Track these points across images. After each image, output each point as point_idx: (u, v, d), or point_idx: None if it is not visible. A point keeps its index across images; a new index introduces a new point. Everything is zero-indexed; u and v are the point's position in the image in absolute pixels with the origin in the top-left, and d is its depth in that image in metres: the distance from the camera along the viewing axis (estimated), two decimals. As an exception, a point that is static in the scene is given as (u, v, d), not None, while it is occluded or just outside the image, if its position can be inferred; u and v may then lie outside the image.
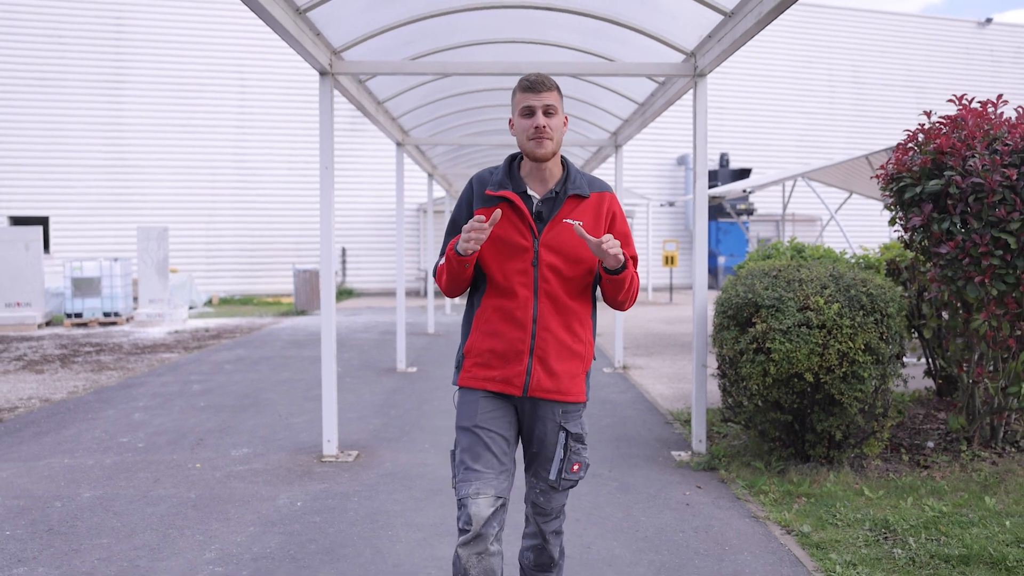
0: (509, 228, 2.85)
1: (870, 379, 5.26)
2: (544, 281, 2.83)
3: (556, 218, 2.86)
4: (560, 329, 2.87)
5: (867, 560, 4.03)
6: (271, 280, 24.48)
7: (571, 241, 2.84)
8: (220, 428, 7.00)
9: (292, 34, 5.04)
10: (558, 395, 2.88)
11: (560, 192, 2.89)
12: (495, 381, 2.87)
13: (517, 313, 2.84)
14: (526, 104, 2.82)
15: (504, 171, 2.94)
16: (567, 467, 2.90)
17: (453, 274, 2.83)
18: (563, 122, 2.89)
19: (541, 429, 2.91)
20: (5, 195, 22.84)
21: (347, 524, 4.58)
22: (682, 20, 5.63)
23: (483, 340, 2.89)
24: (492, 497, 2.75)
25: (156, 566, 3.99)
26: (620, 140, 10.06)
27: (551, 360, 2.86)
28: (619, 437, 6.69)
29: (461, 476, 2.83)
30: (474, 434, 2.85)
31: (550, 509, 2.98)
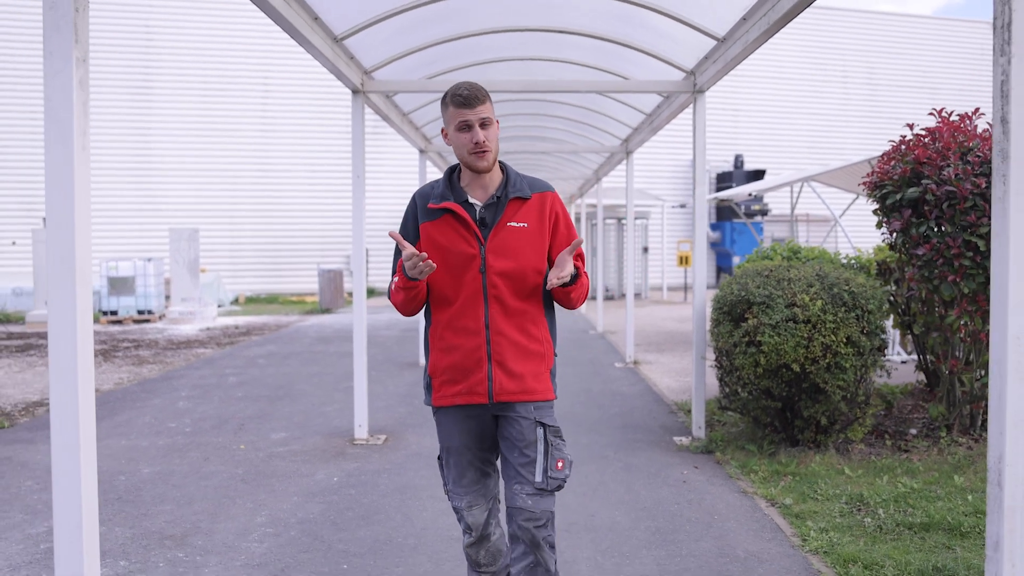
0: (455, 238, 2.89)
1: (852, 369, 5.78)
2: (492, 287, 2.87)
3: (500, 222, 2.90)
4: (514, 331, 2.91)
5: (839, 527, 4.56)
6: (295, 279, 25.15)
7: (517, 243, 2.90)
8: (259, 415, 7.62)
9: (329, 59, 5.62)
10: (524, 395, 2.92)
11: (501, 196, 2.92)
12: (462, 394, 2.91)
13: (469, 322, 2.88)
14: (462, 119, 2.83)
15: (444, 183, 2.97)
16: (551, 464, 2.92)
17: (407, 298, 2.89)
18: (497, 127, 2.93)
19: (517, 429, 2.93)
20: (42, 197, 23.63)
21: (379, 495, 5.17)
22: (682, 43, 6.18)
23: (442, 357, 2.93)
24: (484, 505, 3.03)
25: (215, 527, 4.60)
26: (631, 147, 10.60)
27: (510, 363, 2.90)
28: (626, 424, 7.24)
29: (452, 488, 3.05)
30: (457, 453, 3.01)
31: (540, 512, 2.92)
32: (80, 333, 2.40)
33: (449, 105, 2.88)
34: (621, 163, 12.37)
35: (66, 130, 2.31)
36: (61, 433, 2.45)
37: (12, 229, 23.34)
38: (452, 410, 2.97)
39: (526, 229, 2.92)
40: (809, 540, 4.37)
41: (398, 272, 2.87)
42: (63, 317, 2.38)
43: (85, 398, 2.46)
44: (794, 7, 4.37)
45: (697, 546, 4.34)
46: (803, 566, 4.05)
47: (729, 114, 28.21)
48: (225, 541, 4.39)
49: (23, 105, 23.47)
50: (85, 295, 2.40)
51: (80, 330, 2.40)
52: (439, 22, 6.15)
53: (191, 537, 4.45)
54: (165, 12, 23.83)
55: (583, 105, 9.11)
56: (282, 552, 4.23)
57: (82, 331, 2.40)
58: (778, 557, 4.18)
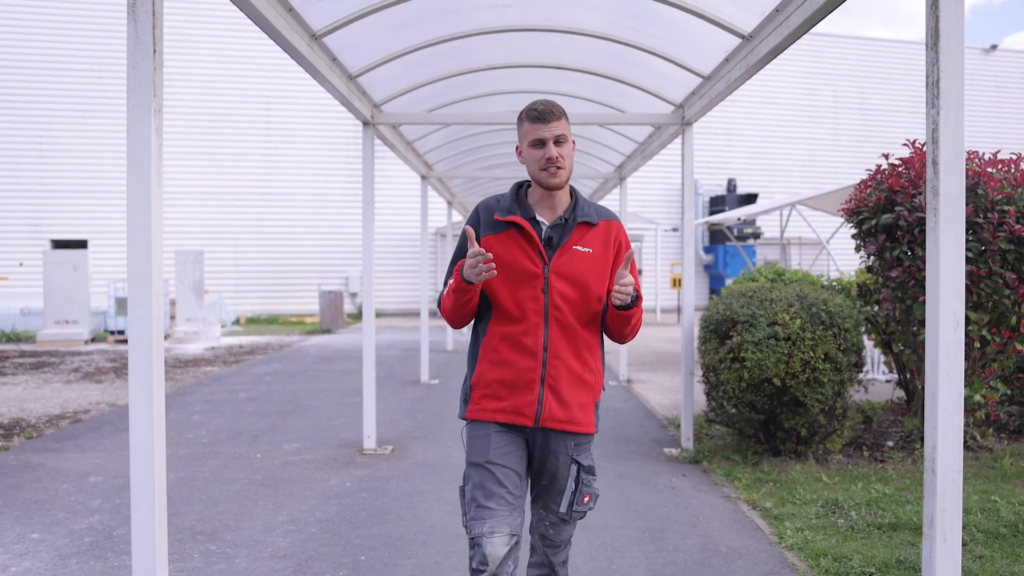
0: (518, 254, 2.82)
1: (829, 384, 6.21)
2: (555, 308, 2.80)
3: (566, 245, 2.83)
4: (571, 357, 2.83)
5: (814, 527, 4.96)
6: (295, 300, 25.54)
7: (582, 268, 2.83)
8: (270, 428, 8.02)
9: (344, 94, 6.08)
10: (570, 425, 2.84)
11: (569, 219, 2.86)
12: (505, 412, 2.82)
13: (527, 341, 2.80)
14: (536, 136, 2.79)
15: (511, 197, 2.91)
16: (578, 499, 2.88)
17: (459, 303, 2.79)
18: (572, 146, 2.86)
19: (552, 463, 2.88)
20: (49, 220, 24.07)
21: (390, 499, 5.57)
22: (672, 79, 6.64)
23: (492, 370, 2.84)
24: (507, 535, 2.74)
25: (241, 524, 5.00)
26: (625, 173, 11.07)
27: (562, 389, 2.81)
28: (619, 437, 7.65)
29: (473, 514, 2.80)
30: (486, 470, 2.81)
31: (560, 541, 2.96)
32: (155, 340, 2.81)
33: (524, 121, 2.83)
34: (615, 188, 12.85)
35: (145, 170, 2.74)
36: (138, 429, 2.85)
37: (20, 250, 23.74)
38: (487, 425, 2.85)
39: (591, 255, 2.85)
40: (785, 538, 4.78)
41: (455, 274, 2.78)
42: (141, 329, 2.80)
43: (158, 401, 2.87)
44: (769, 52, 4.83)
45: (683, 543, 4.74)
46: (779, 559, 4.46)
47: (722, 138, 28.77)
48: (252, 536, 4.80)
49: (31, 130, 23.94)
50: (158, 310, 2.82)
51: (155, 338, 2.81)
52: (444, 60, 6.62)
53: (220, 533, 4.85)
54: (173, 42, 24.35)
55: (579, 134, 9.59)
56: (304, 546, 4.64)
57: (156, 339, 2.82)
58: (756, 552, 4.58)
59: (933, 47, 2.81)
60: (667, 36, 5.79)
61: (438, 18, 5.65)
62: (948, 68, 2.79)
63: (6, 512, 5.30)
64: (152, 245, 2.76)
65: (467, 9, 5.61)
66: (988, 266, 6.11)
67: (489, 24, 5.96)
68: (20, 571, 4.28)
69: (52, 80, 24.05)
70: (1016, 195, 6.23)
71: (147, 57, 2.77)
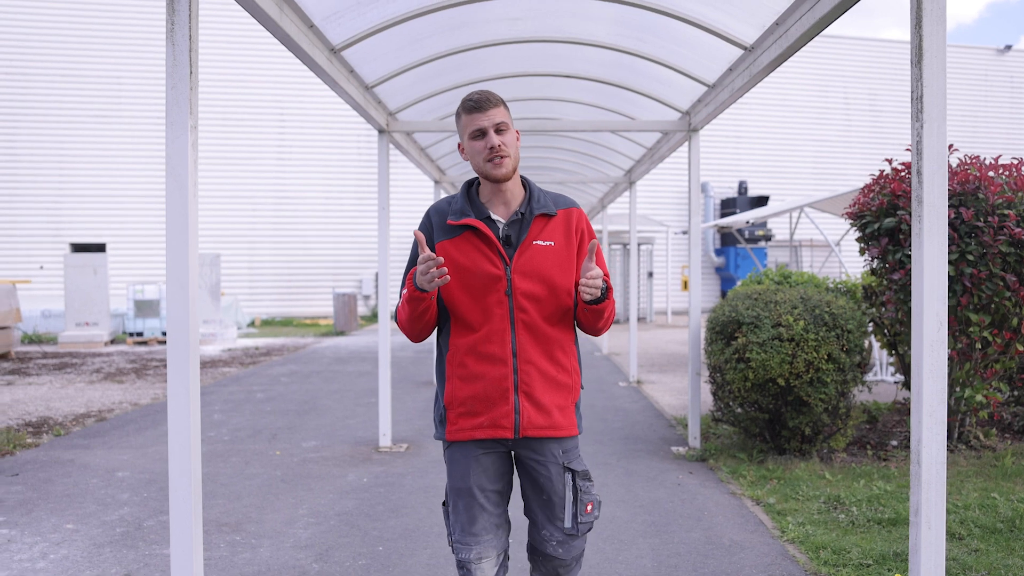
0: (477, 257, 2.68)
1: (833, 383, 6.38)
2: (520, 311, 2.67)
3: (526, 241, 2.70)
4: (543, 360, 2.72)
5: (816, 522, 5.14)
6: (309, 303, 25.82)
7: (545, 263, 2.70)
8: (288, 427, 8.24)
9: (360, 104, 6.29)
10: (551, 431, 2.73)
11: (526, 212, 2.73)
12: (484, 427, 2.70)
13: (494, 349, 2.68)
14: (475, 127, 2.67)
15: (463, 198, 2.78)
16: (580, 509, 2.76)
17: (415, 314, 2.65)
18: (516, 137, 2.74)
19: (544, 474, 2.76)
20: (68, 224, 24.42)
21: (405, 493, 5.78)
22: (678, 87, 6.83)
23: (463, 387, 2.71)
24: (494, 557, 2.74)
25: (264, 517, 5.22)
26: (634, 177, 11.25)
27: (538, 394, 2.70)
28: (628, 436, 7.83)
29: (459, 538, 2.75)
30: (470, 496, 2.73)
31: (571, 559, 2.83)
32: (191, 337, 3.02)
33: (461, 114, 2.72)
34: (625, 192, 13.04)
35: (183, 182, 2.95)
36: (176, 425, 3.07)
37: (40, 254, 24.10)
38: (468, 445, 2.74)
39: (553, 248, 2.72)
40: (787, 532, 4.96)
41: (407, 283, 2.64)
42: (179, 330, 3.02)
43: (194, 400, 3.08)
44: (770, 63, 5.02)
45: (687, 536, 4.93)
46: (779, 551, 4.64)
47: (733, 141, 28.90)
48: (274, 528, 5.01)
49: (52, 136, 24.30)
50: (195, 313, 3.03)
51: (191, 335, 3.02)
52: (457, 70, 6.82)
53: (244, 525, 5.07)
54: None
55: (589, 139, 9.79)
56: (325, 537, 4.85)
57: (192, 336, 3.03)
58: (758, 545, 4.77)
59: (917, 64, 2.99)
60: (672, 47, 5.98)
61: (452, 31, 5.86)
62: (931, 84, 2.97)
63: (41, 504, 5.53)
64: (189, 249, 2.97)
65: (479, 22, 5.82)
66: (989, 269, 6.27)
67: (500, 36, 6.16)
68: (58, 558, 4.51)
69: (72, 87, 24.40)
70: (1016, 199, 6.39)
71: (184, 78, 2.99)
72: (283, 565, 4.41)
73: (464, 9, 5.44)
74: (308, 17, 4.68)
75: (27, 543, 4.78)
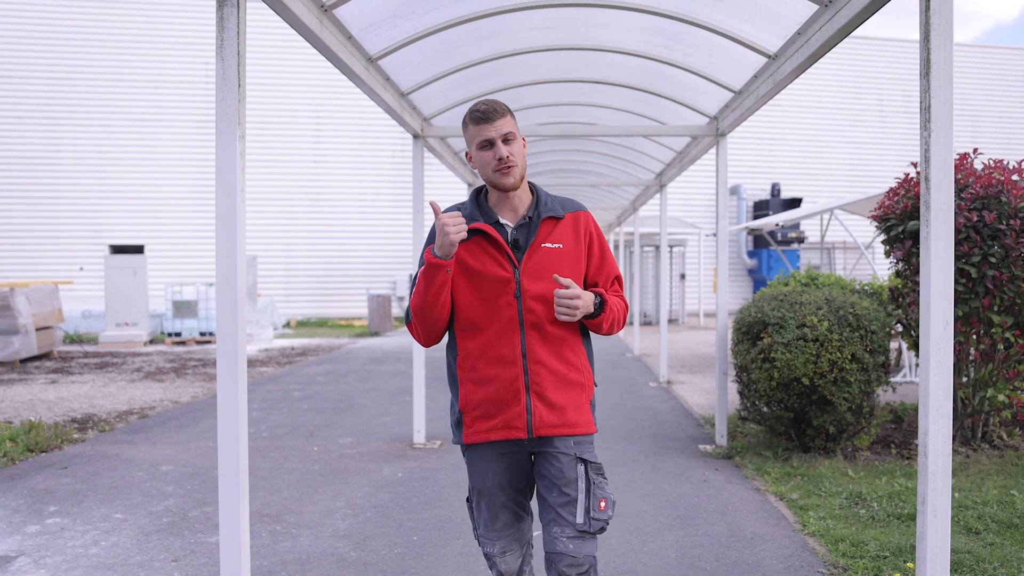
0: (487, 261, 2.74)
1: (856, 383, 6.49)
2: (529, 312, 2.72)
3: (534, 244, 2.75)
4: (552, 360, 2.75)
5: (836, 516, 5.27)
6: (343, 304, 26.17)
7: (553, 266, 2.75)
8: (325, 424, 8.49)
9: (396, 110, 6.51)
10: (566, 428, 2.76)
11: (534, 216, 2.78)
12: (498, 429, 2.75)
13: (504, 351, 2.72)
14: (483, 137, 2.71)
15: (472, 204, 2.84)
16: (593, 504, 2.74)
17: (432, 289, 2.67)
18: (523, 144, 2.79)
19: (557, 464, 2.76)
20: (108, 226, 24.98)
21: (439, 487, 5.99)
22: (705, 94, 6.98)
23: (475, 390, 2.77)
24: (517, 550, 2.88)
25: (303, 508, 5.45)
26: (664, 180, 11.40)
27: (549, 394, 2.74)
28: (656, 435, 7.99)
29: (483, 533, 2.88)
30: (490, 495, 2.82)
31: (583, 557, 2.75)
32: (239, 335, 3.24)
33: (468, 124, 2.77)
34: (656, 195, 13.18)
35: (231, 187, 3.17)
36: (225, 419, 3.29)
37: (80, 255, 24.66)
38: (485, 447, 2.81)
39: (561, 250, 2.78)
40: (808, 525, 5.09)
41: (426, 255, 2.68)
42: (227, 327, 3.24)
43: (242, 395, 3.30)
44: (793, 70, 5.16)
45: (711, 528, 5.08)
46: (800, 544, 4.78)
47: (766, 143, 28.86)
48: (313, 519, 5.24)
49: (92, 140, 24.87)
50: (242, 309, 3.25)
51: (239, 332, 3.24)
52: (490, 76, 7.02)
53: (284, 516, 5.31)
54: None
55: (620, 143, 9.96)
56: (362, 527, 5.07)
57: (240, 333, 3.25)
58: (779, 537, 4.91)
59: (925, 76, 3.14)
60: (699, 55, 6.14)
61: (484, 40, 6.06)
62: (938, 96, 3.12)
63: (90, 495, 5.81)
64: (237, 250, 3.19)
65: (512, 31, 6.01)
66: (1011, 271, 6.36)
67: (532, 44, 6.35)
68: (108, 545, 4.77)
69: (113, 91, 24.96)
70: (1038, 202, 6.47)
71: (233, 91, 3.21)
72: (322, 553, 4.63)
73: (496, 19, 5.64)
74: (347, 29, 4.90)
75: (79, 531, 5.04)
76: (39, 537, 4.91)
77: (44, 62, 24.74)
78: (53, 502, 5.66)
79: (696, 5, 5.31)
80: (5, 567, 4.42)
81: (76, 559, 4.54)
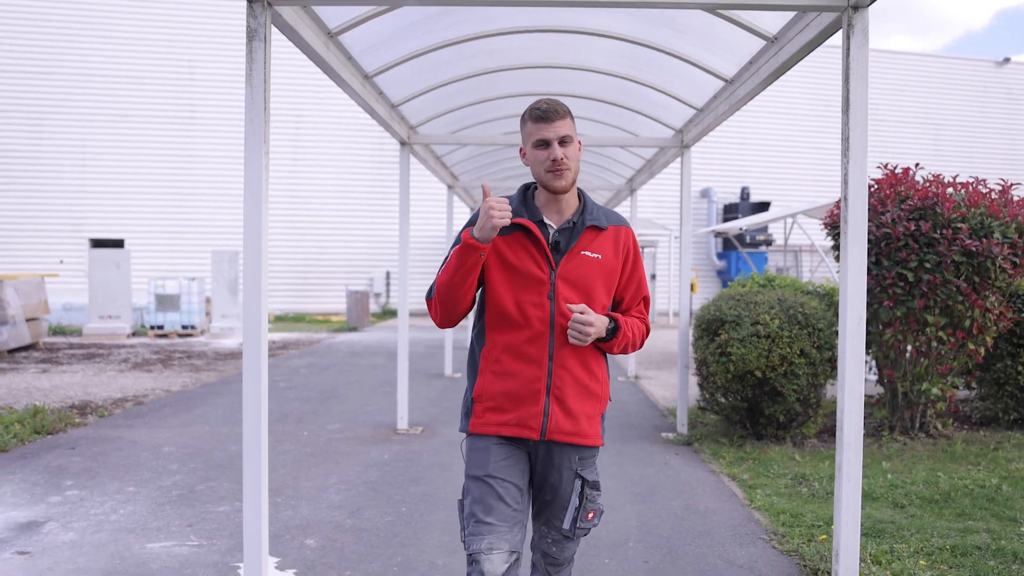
0: (525, 258, 2.72)
1: (804, 376, 7.12)
2: (561, 315, 2.70)
3: (574, 250, 2.74)
4: (578, 367, 2.75)
5: (781, 494, 5.89)
6: (321, 299, 26.59)
7: (588, 275, 2.75)
8: (312, 412, 9.02)
9: (386, 120, 7.06)
10: (577, 438, 2.76)
11: (578, 223, 2.77)
12: (509, 425, 2.73)
13: (531, 350, 2.71)
14: (540, 136, 2.69)
15: (519, 199, 2.81)
16: (582, 515, 2.80)
17: (461, 268, 2.64)
18: (578, 148, 2.76)
19: (556, 477, 2.80)
20: (88, 220, 25.26)
21: (423, 467, 6.55)
22: (672, 110, 7.58)
23: (495, 382, 2.75)
24: (506, 552, 2.67)
25: (299, 484, 6.00)
26: (635, 185, 12.03)
27: (569, 400, 2.73)
28: (623, 424, 8.59)
29: (472, 529, 2.73)
30: (486, 484, 2.73)
31: (563, 559, 2.89)
32: (262, 329, 3.79)
33: (528, 121, 2.74)
34: (627, 198, 13.82)
35: (257, 197, 3.71)
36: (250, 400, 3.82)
37: (60, 249, 24.92)
38: (488, 438, 2.78)
39: (600, 261, 2.78)
40: (755, 501, 5.71)
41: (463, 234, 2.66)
42: (253, 321, 3.78)
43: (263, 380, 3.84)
44: (747, 94, 5.78)
45: (669, 504, 5.69)
46: (746, 516, 5.40)
47: (736, 147, 29.58)
48: (309, 493, 5.79)
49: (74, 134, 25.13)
50: (265, 305, 3.79)
51: (262, 327, 3.79)
52: (473, 90, 7.58)
53: (283, 490, 5.85)
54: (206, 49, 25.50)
55: (594, 151, 10.57)
56: (354, 500, 5.62)
57: (263, 328, 3.79)
58: (729, 511, 5.52)
59: (845, 111, 3.75)
60: (665, 75, 6.73)
61: (469, 59, 6.62)
62: (856, 129, 3.74)
63: (102, 472, 6.32)
64: (262, 252, 3.74)
65: (494, 51, 6.57)
66: (943, 276, 7.01)
67: (513, 62, 6.92)
68: (127, 513, 5.29)
69: (95, 86, 25.24)
70: (969, 214, 7.13)
71: (260, 113, 3.75)
72: (321, 520, 5.18)
73: (480, 41, 6.20)
74: (348, 51, 5.45)
75: (97, 501, 5.56)
76: (62, 506, 5.43)
77: (27, 57, 24.97)
78: (68, 477, 6.16)
79: (663, 34, 5.89)
80: (37, 530, 4.94)
81: (100, 524, 5.06)
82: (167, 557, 4.54)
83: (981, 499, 5.68)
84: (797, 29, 4.61)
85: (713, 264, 28.74)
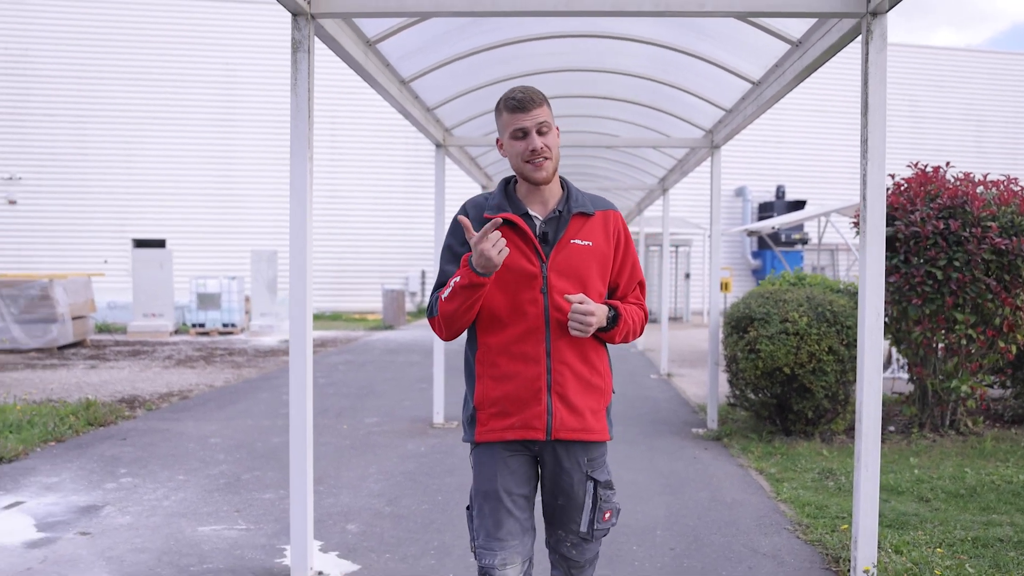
0: (514, 253, 2.61)
1: (832, 373, 7.23)
2: (556, 309, 2.62)
3: (563, 239, 2.65)
4: (577, 361, 2.67)
5: (807, 487, 6.02)
6: (357, 298, 26.97)
7: (581, 264, 2.67)
8: (351, 407, 9.28)
9: (422, 123, 7.29)
10: (584, 434, 2.69)
11: (564, 211, 2.67)
12: (515, 428, 2.65)
13: (528, 348, 2.63)
14: (517, 126, 2.59)
15: (501, 194, 2.72)
16: (598, 517, 2.73)
17: (466, 304, 2.55)
18: (557, 134, 2.67)
19: (567, 481, 2.72)
20: (131, 220, 25.85)
21: (457, 459, 6.77)
22: (701, 111, 7.73)
23: (494, 387, 2.67)
24: (519, 564, 2.66)
25: (340, 474, 6.24)
26: (667, 185, 12.16)
27: (571, 395, 2.65)
28: (654, 420, 8.75)
29: (483, 543, 2.68)
30: (496, 499, 2.67)
31: (584, 561, 2.83)
32: (307, 322, 4.01)
33: (503, 112, 2.65)
34: (659, 198, 13.94)
35: (303, 198, 3.94)
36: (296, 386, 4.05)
37: (105, 249, 25.53)
38: (495, 448, 2.70)
39: (591, 248, 2.69)
40: (781, 494, 5.85)
41: (462, 268, 2.54)
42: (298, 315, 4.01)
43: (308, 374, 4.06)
44: (773, 96, 5.93)
45: (697, 495, 5.85)
46: (772, 507, 5.54)
47: (772, 146, 29.49)
48: (350, 482, 6.03)
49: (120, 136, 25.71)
50: (310, 303, 4.02)
51: (307, 320, 4.01)
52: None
53: (324, 479, 6.09)
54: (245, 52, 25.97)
55: (627, 151, 10.74)
56: (393, 489, 5.85)
57: (308, 321, 4.02)
58: (755, 503, 5.67)
59: (864, 114, 3.90)
60: (695, 78, 6.89)
61: (504, 63, 6.81)
62: (874, 131, 3.89)
63: (152, 461, 6.61)
64: (307, 250, 3.96)
65: (528, 56, 6.77)
66: (972, 274, 7.09)
67: (547, 66, 7.10)
68: (178, 499, 5.56)
69: (140, 90, 25.81)
70: (999, 212, 7.21)
71: (304, 120, 3.98)
72: (362, 507, 5.41)
73: (515, 46, 6.39)
74: (385, 58, 5.68)
75: (150, 488, 5.84)
76: (118, 492, 5.72)
77: (74, 62, 25.59)
78: (121, 466, 6.46)
79: (690, 38, 6.05)
80: (96, 513, 5.23)
81: (154, 509, 5.34)
82: (217, 539, 4.80)
83: (1007, 494, 5.77)
84: (820, 33, 4.76)
85: (748, 263, 28.70)
